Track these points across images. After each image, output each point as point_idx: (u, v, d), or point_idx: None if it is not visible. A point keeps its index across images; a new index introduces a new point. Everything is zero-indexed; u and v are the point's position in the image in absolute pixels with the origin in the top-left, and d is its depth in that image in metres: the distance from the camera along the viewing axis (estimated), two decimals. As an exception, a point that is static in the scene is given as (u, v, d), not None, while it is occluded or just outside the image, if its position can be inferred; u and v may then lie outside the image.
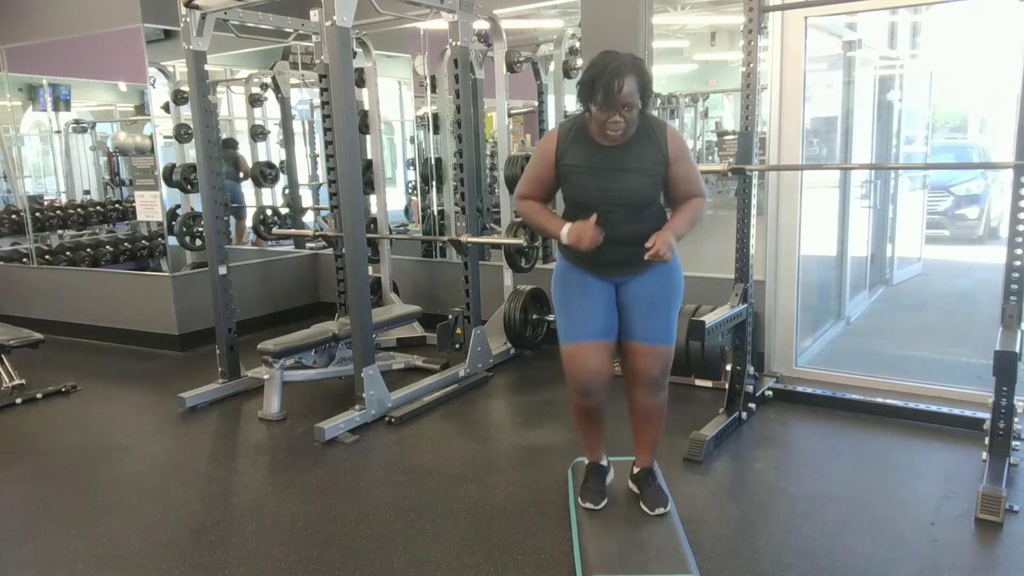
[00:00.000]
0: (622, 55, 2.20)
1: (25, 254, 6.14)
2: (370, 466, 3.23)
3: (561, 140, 2.36)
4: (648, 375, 2.47)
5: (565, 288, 2.50)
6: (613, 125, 2.22)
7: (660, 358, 2.47)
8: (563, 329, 2.49)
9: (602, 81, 2.15)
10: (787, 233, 4.06)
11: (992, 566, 2.36)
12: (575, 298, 2.47)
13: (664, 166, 2.35)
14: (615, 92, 2.15)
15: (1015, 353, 2.71)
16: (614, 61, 2.17)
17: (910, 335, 5.23)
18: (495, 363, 4.56)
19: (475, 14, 4.24)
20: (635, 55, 2.24)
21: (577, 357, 2.45)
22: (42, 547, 2.66)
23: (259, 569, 2.46)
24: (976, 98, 10.36)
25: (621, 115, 2.20)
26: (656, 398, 2.52)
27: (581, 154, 2.33)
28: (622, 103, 2.17)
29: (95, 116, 6.76)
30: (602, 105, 2.18)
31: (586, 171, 2.33)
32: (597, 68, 2.18)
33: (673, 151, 2.34)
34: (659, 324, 2.45)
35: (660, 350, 2.47)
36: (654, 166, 2.34)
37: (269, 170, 6.53)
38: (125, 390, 4.48)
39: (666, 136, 2.34)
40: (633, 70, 2.17)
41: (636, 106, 2.20)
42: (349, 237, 3.59)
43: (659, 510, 2.52)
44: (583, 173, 2.34)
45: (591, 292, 2.45)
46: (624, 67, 2.16)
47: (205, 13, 3.91)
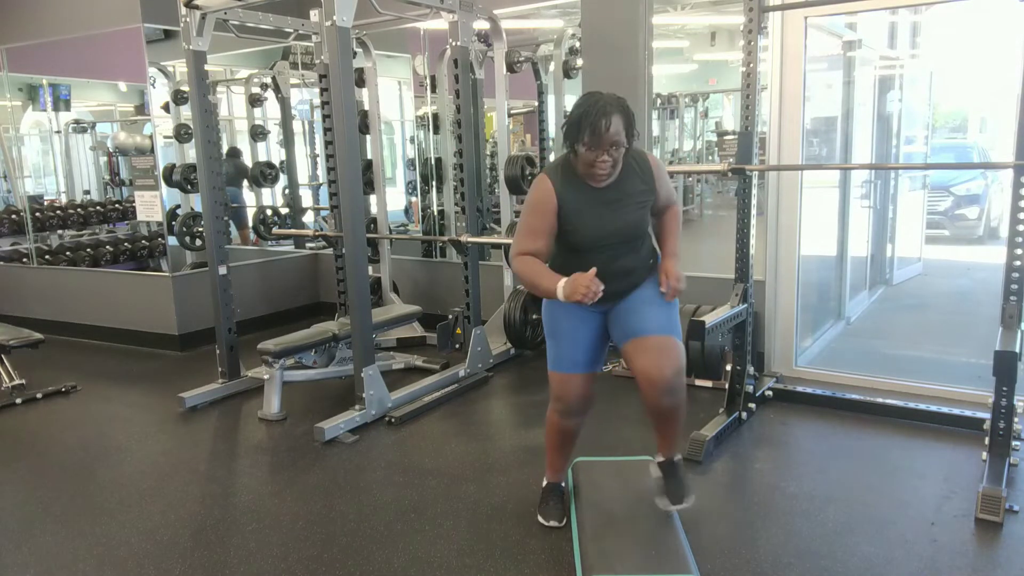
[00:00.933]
0: (606, 95, 2.22)
1: (25, 254, 6.14)
2: (370, 466, 3.23)
3: (556, 184, 2.32)
4: (662, 376, 2.30)
5: (555, 316, 2.49)
6: (602, 164, 2.23)
7: (670, 352, 2.34)
8: (553, 356, 2.50)
9: (589, 120, 2.17)
10: (787, 233, 4.07)
11: (992, 566, 2.36)
12: (566, 328, 2.47)
13: (653, 195, 2.41)
14: (602, 131, 2.17)
15: (1015, 353, 2.71)
16: (600, 101, 2.19)
17: (910, 335, 5.23)
18: (495, 363, 4.56)
19: (475, 14, 4.24)
20: (618, 96, 2.25)
21: (565, 384, 2.48)
22: (42, 547, 2.66)
23: (259, 569, 2.46)
24: (976, 98, 10.36)
25: (609, 154, 2.22)
26: (675, 399, 2.38)
27: (578, 196, 2.33)
28: (609, 142, 2.19)
29: (95, 116, 6.76)
30: (590, 144, 2.20)
31: (586, 212, 2.33)
32: (583, 108, 2.19)
33: (657, 179, 2.40)
34: (660, 316, 2.42)
35: (668, 340, 2.36)
36: (645, 196, 2.39)
37: (269, 170, 6.53)
38: (125, 390, 4.48)
39: (649, 166, 2.39)
40: (619, 109, 2.20)
41: (623, 144, 2.23)
42: (349, 237, 3.59)
43: (681, 505, 2.50)
44: (584, 214, 2.33)
45: (580, 323, 2.46)
46: (610, 106, 2.18)
47: (205, 13, 3.91)
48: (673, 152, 6.94)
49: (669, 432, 2.53)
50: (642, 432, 3.48)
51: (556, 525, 2.63)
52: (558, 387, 2.50)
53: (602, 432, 3.40)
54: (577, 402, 2.49)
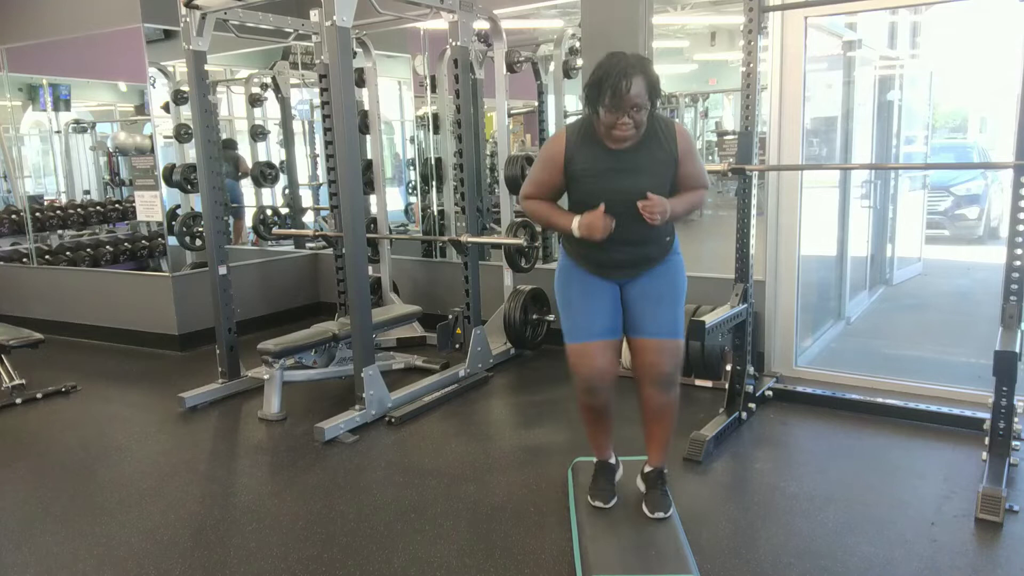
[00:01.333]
0: (628, 55, 2.17)
1: (25, 254, 6.14)
2: (370, 466, 3.23)
3: (570, 143, 2.31)
4: (659, 371, 2.43)
5: (568, 287, 2.48)
6: (622, 127, 2.18)
7: (670, 353, 2.43)
8: (567, 328, 2.47)
9: (609, 82, 2.11)
10: (787, 233, 4.06)
11: (992, 566, 2.36)
12: (578, 297, 2.45)
13: (674, 166, 2.33)
14: (623, 92, 2.12)
15: (1015, 353, 2.71)
16: (621, 62, 2.14)
17: (910, 335, 5.23)
18: (495, 363, 4.56)
19: (475, 14, 4.24)
20: (641, 55, 2.21)
21: (582, 356, 2.42)
22: (42, 547, 2.66)
23: (259, 569, 2.46)
24: (976, 98, 10.36)
25: (630, 116, 2.17)
26: (668, 395, 2.47)
27: (591, 157, 2.30)
28: (631, 104, 2.14)
29: (95, 116, 6.76)
30: (610, 107, 2.15)
31: (596, 175, 2.30)
32: (604, 69, 2.14)
33: (682, 150, 2.32)
34: (666, 317, 2.43)
35: (669, 344, 2.43)
36: (664, 167, 2.32)
37: (269, 170, 6.53)
38: (125, 390, 4.48)
39: (675, 135, 2.32)
40: (640, 70, 2.14)
41: (645, 107, 2.18)
42: (349, 237, 3.59)
43: (658, 514, 2.51)
44: (593, 177, 2.31)
45: (594, 291, 2.44)
46: (631, 67, 2.13)
47: (205, 13, 3.91)
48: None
49: (660, 436, 2.55)
50: (642, 432, 3.48)
51: (601, 506, 2.57)
52: (575, 360, 2.44)
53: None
54: (597, 375, 2.42)
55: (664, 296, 2.45)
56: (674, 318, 2.45)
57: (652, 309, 2.43)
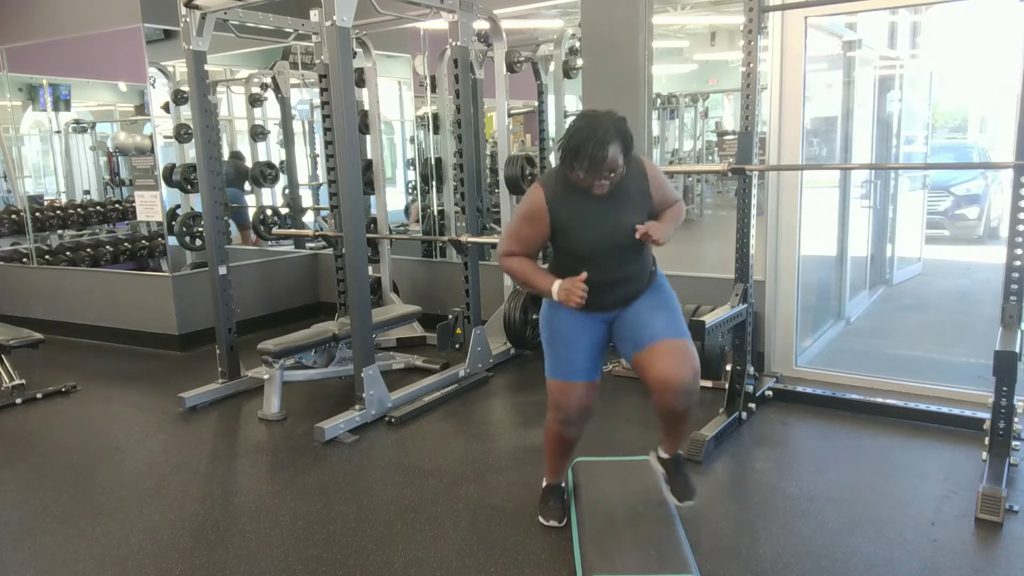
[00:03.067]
0: (603, 119, 2.20)
1: (25, 254, 6.14)
2: (370, 466, 3.23)
3: (549, 196, 2.34)
4: (680, 381, 2.31)
5: (554, 324, 2.48)
6: (599, 187, 2.25)
7: (683, 355, 2.35)
8: (551, 364, 2.48)
9: (587, 151, 2.16)
10: (787, 233, 4.06)
11: (992, 566, 2.36)
12: (564, 335, 2.45)
13: (649, 200, 2.39)
14: (601, 161, 2.17)
15: (1015, 353, 2.71)
16: (598, 130, 2.17)
17: (910, 335, 5.23)
18: (495, 363, 4.55)
19: (475, 14, 4.24)
20: (614, 114, 2.24)
21: (564, 393, 2.45)
22: (42, 547, 2.66)
23: (259, 569, 2.46)
24: (976, 98, 10.37)
25: (605, 178, 2.23)
26: (691, 400, 2.38)
27: (575, 206, 2.32)
28: (608, 169, 2.20)
29: (95, 116, 6.76)
30: (588, 171, 2.21)
31: (584, 221, 2.33)
32: (581, 136, 2.17)
33: (653, 184, 2.39)
34: (667, 320, 2.42)
35: (682, 344, 2.37)
36: (642, 201, 2.37)
37: (269, 170, 6.53)
38: (125, 390, 4.48)
39: (645, 171, 2.38)
40: (617, 135, 2.19)
41: (620, 168, 2.23)
42: (349, 237, 3.59)
43: (687, 503, 2.50)
44: (581, 224, 2.33)
45: (580, 331, 2.44)
46: (607, 134, 2.17)
47: (205, 13, 3.91)
48: (673, 152, 6.94)
49: (679, 431, 2.52)
50: (642, 432, 3.49)
51: (556, 525, 2.63)
52: (558, 395, 2.46)
53: (602, 432, 3.40)
54: (577, 412, 2.45)
55: (658, 305, 2.44)
56: (676, 321, 2.43)
57: (649, 318, 2.41)
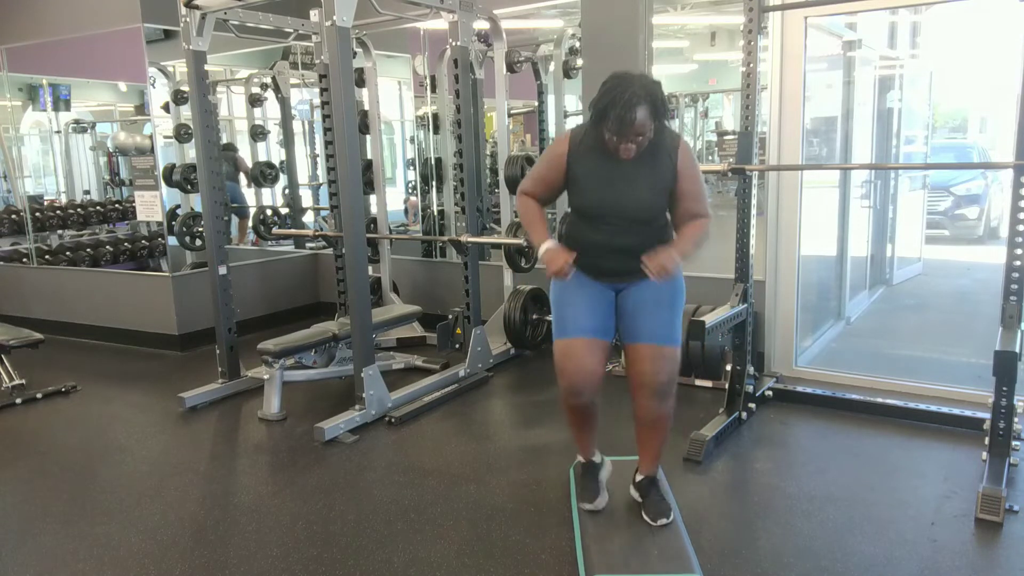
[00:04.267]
0: (635, 80, 2.17)
1: (25, 254, 6.14)
2: (370, 466, 3.23)
3: (574, 145, 2.35)
4: (655, 380, 2.39)
5: (562, 286, 2.48)
6: (626, 150, 2.24)
7: (666, 361, 2.40)
8: (556, 324, 2.47)
9: (615, 111, 2.14)
10: (787, 233, 4.07)
11: (992, 566, 2.36)
12: (571, 295, 2.45)
13: (672, 179, 2.36)
14: (628, 123, 2.16)
15: (1015, 353, 2.71)
16: (627, 90, 2.14)
17: (910, 335, 5.24)
18: (495, 363, 4.55)
19: (475, 14, 4.24)
20: (647, 77, 2.21)
21: (569, 352, 2.40)
22: (42, 547, 2.66)
23: (259, 569, 2.46)
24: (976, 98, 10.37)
25: (633, 142, 2.21)
26: (663, 406, 2.44)
27: (593, 163, 2.32)
28: (635, 132, 2.19)
29: (95, 116, 6.76)
30: (615, 133, 2.19)
31: (596, 180, 2.33)
32: (611, 96, 2.16)
33: (683, 166, 2.35)
34: (663, 323, 2.42)
35: (666, 351, 2.41)
36: (663, 180, 2.35)
37: (269, 170, 6.53)
38: (125, 390, 4.48)
39: (678, 151, 2.35)
40: (646, 98, 2.16)
41: (649, 133, 2.21)
42: (349, 237, 3.59)
43: (662, 520, 2.49)
44: (592, 182, 2.33)
45: (588, 291, 2.45)
46: (636, 96, 2.14)
47: (205, 13, 3.91)
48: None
49: (653, 445, 2.54)
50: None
51: (589, 508, 2.57)
52: (561, 359, 2.41)
53: (602, 432, 3.38)
54: (581, 377, 2.38)
55: (662, 301, 2.44)
56: (671, 325, 2.44)
57: (649, 314, 2.42)
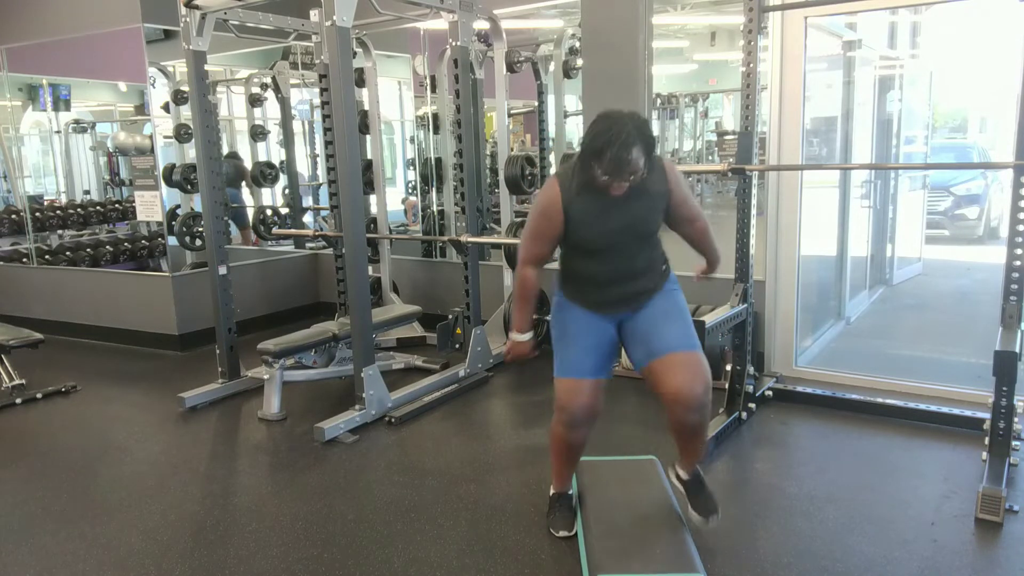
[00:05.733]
0: (626, 121, 2.17)
1: (25, 254, 6.14)
2: (370, 466, 3.23)
3: (564, 190, 2.32)
4: (692, 394, 2.30)
5: (564, 322, 2.48)
6: (618, 188, 2.23)
7: (696, 370, 2.33)
8: (560, 362, 2.46)
9: (611, 153, 2.14)
10: (787, 233, 4.06)
11: (992, 566, 2.36)
12: (574, 333, 2.45)
13: (666, 198, 2.38)
14: (624, 164, 2.16)
15: (1015, 353, 2.71)
16: (622, 131, 2.14)
17: (910, 335, 5.24)
18: (495, 363, 4.55)
19: (475, 14, 4.24)
20: (637, 115, 2.22)
21: (572, 392, 2.42)
22: (42, 547, 2.66)
23: (259, 569, 2.46)
24: (976, 98, 10.37)
25: (627, 180, 2.21)
26: (700, 416, 2.38)
27: (589, 202, 2.31)
28: (631, 171, 2.18)
29: (95, 116, 6.76)
30: (610, 173, 2.19)
31: (594, 216, 2.32)
32: (605, 139, 2.14)
33: (672, 182, 2.38)
34: (679, 331, 2.40)
35: (691, 357, 2.35)
36: (659, 199, 2.37)
37: (269, 170, 6.54)
38: (125, 390, 4.48)
39: (664, 170, 2.37)
40: (640, 138, 2.16)
41: (643, 171, 2.22)
42: (349, 237, 3.59)
43: (713, 518, 2.47)
44: (591, 217, 2.32)
45: (590, 328, 2.44)
46: (630, 136, 2.14)
47: (205, 13, 3.91)
48: (673, 152, 6.95)
49: (695, 447, 2.50)
50: (643, 432, 3.49)
51: (566, 535, 2.58)
52: (564, 394, 2.43)
53: (604, 432, 3.39)
54: (583, 412, 2.41)
55: (670, 312, 2.43)
56: (687, 332, 2.41)
57: (661, 327, 2.40)
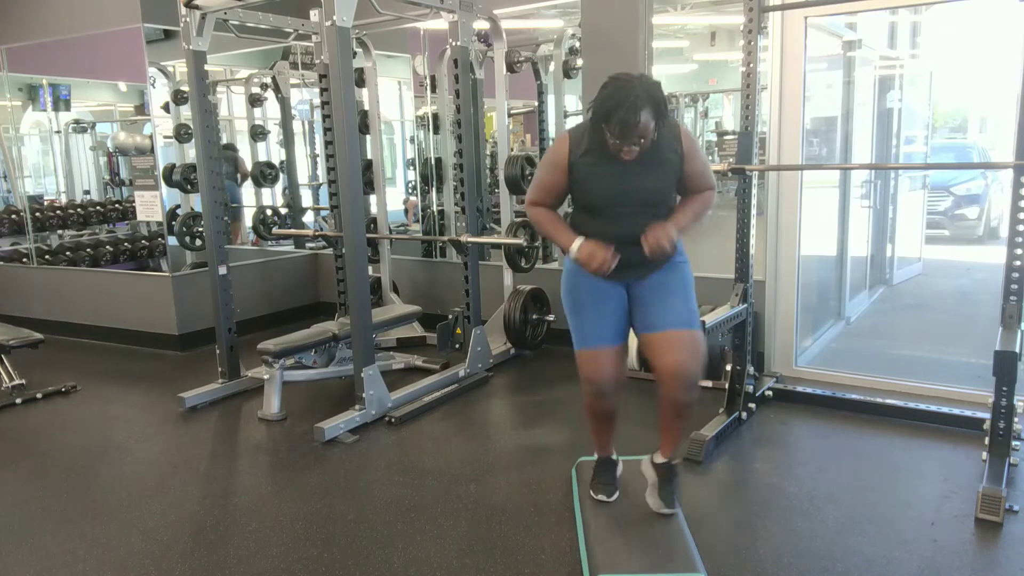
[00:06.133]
0: (636, 83, 2.16)
1: (25, 254, 6.14)
2: (370, 466, 3.23)
3: (574, 145, 2.33)
4: (683, 372, 2.34)
5: (575, 291, 2.48)
6: (628, 152, 2.22)
7: (692, 347, 2.36)
8: (577, 334, 2.46)
9: (618, 115, 2.13)
10: (787, 233, 4.07)
11: (992, 566, 2.36)
12: (587, 302, 2.44)
13: (680, 164, 2.36)
14: (632, 126, 2.15)
15: (1015, 353, 2.71)
16: (631, 94, 2.13)
17: (910, 335, 5.23)
18: (495, 363, 4.55)
19: (475, 14, 4.24)
20: (647, 78, 2.20)
21: (593, 362, 2.42)
22: (42, 547, 2.66)
23: (259, 569, 2.46)
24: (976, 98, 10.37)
25: (636, 144, 2.20)
26: (691, 394, 2.40)
27: (596, 158, 2.31)
28: (639, 135, 2.18)
29: (95, 116, 6.76)
30: (619, 136, 2.18)
31: (602, 175, 2.31)
32: (614, 100, 2.14)
33: (687, 148, 2.36)
34: (681, 308, 2.41)
35: (689, 336, 2.38)
36: (670, 165, 2.34)
37: (269, 170, 6.53)
38: (125, 390, 4.48)
39: (680, 135, 2.35)
40: (649, 101, 2.15)
41: (652, 135, 2.21)
42: (349, 237, 3.59)
43: (665, 511, 2.50)
44: (598, 177, 2.32)
45: (603, 296, 2.44)
46: (639, 99, 2.13)
47: (205, 13, 3.91)
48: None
49: (676, 430, 2.52)
50: (643, 431, 3.48)
51: (605, 499, 2.59)
52: (587, 366, 2.43)
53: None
54: (608, 382, 2.42)
55: (675, 288, 2.43)
56: (689, 309, 2.42)
57: (664, 301, 2.41)
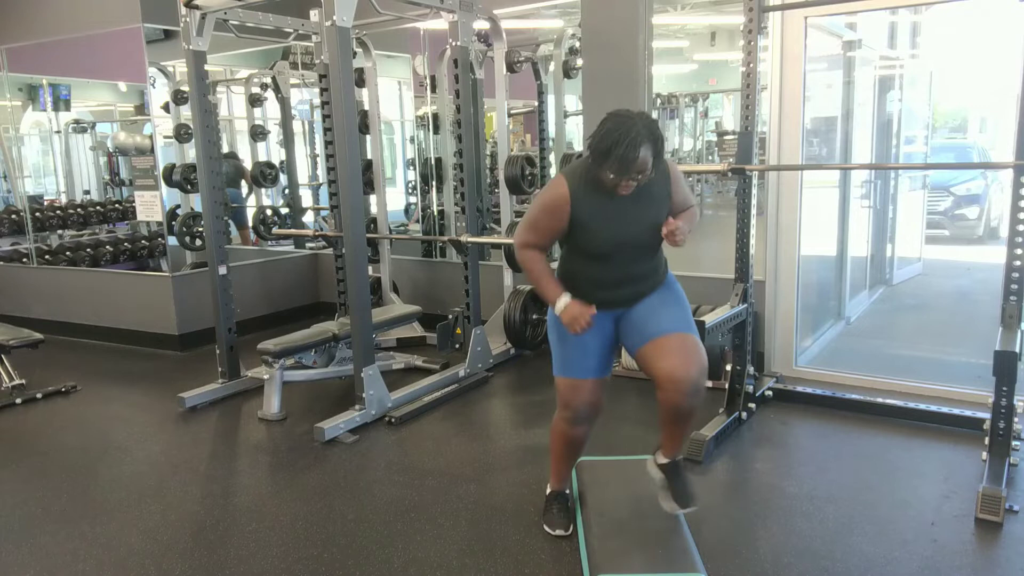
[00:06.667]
0: (635, 120, 2.17)
1: (25, 254, 6.14)
2: (370, 466, 3.23)
3: (573, 190, 2.31)
4: (686, 377, 2.28)
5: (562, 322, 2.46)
6: (625, 187, 2.23)
7: (691, 351, 2.32)
8: (560, 362, 2.46)
9: (618, 152, 2.13)
10: (787, 233, 4.06)
11: (992, 566, 2.36)
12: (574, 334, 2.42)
13: (668, 200, 2.38)
14: (631, 162, 2.15)
15: (1015, 353, 2.71)
16: (631, 130, 2.13)
17: (910, 335, 5.24)
18: (495, 363, 4.55)
19: (475, 14, 4.24)
20: (646, 115, 2.21)
21: (574, 390, 2.43)
22: (42, 547, 2.66)
23: (259, 569, 2.46)
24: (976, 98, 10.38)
25: (634, 179, 2.21)
26: (692, 400, 2.35)
27: (596, 204, 2.30)
28: (637, 171, 2.18)
29: (95, 116, 6.76)
30: (618, 173, 2.18)
31: (602, 219, 2.31)
32: (613, 138, 2.14)
33: (675, 185, 2.38)
34: (676, 316, 2.40)
35: (688, 339, 2.35)
36: (661, 202, 2.36)
37: (269, 170, 6.54)
38: (125, 390, 4.48)
39: (668, 173, 2.37)
40: (648, 138, 2.15)
41: (650, 171, 2.21)
42: (349, 237, 3.59)
43: (685, 510, 2.46)
44: (599, 222, 2.31)
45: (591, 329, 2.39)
46: (639, 136, 2.13)
47: (205, 13, 3.91)
48: (673, 152, 6.95)
49: (680, 433, 2.48)
50: (643, 432, 3.49)
51: (563, 534, 2.58)
52: (567, 393, 2.44)
53: (604, 432, 3.39)
54: (586, 409, 2.44)
55: (668, 301, 2.43)
56: (684, 318, 2.42)
57: (659, 312, 2.40)
